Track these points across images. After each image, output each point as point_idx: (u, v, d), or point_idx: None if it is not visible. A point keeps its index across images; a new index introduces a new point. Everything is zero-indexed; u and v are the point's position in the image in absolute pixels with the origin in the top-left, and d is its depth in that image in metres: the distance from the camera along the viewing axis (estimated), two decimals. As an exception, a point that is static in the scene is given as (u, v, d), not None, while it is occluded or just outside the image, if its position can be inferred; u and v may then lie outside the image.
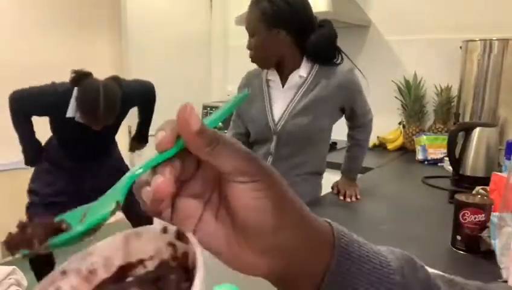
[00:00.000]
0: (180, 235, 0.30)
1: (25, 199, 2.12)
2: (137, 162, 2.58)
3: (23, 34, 3.02)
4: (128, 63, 2.45)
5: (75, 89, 1.88)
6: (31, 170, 2.24)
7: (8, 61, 2.92)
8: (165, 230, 0.31)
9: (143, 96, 2.25)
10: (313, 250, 0.32)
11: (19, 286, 1.03)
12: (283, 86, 1.39)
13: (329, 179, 2.06)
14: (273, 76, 1.40)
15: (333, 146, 2.36)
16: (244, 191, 0.29)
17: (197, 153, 0.28)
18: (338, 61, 1.40)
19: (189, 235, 0.29)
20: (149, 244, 0.31)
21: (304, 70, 1.37)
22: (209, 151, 0.28)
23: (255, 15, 1.31)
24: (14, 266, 1.04)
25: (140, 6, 2.48)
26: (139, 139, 2.40)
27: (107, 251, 0.32)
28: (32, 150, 2.07)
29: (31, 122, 2.00)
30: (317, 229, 0.33)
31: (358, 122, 1.49)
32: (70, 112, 1.92)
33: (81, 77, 1.85)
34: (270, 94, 1.40)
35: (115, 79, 1.94)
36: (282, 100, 1.38)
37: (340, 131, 2.66)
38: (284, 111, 1.37)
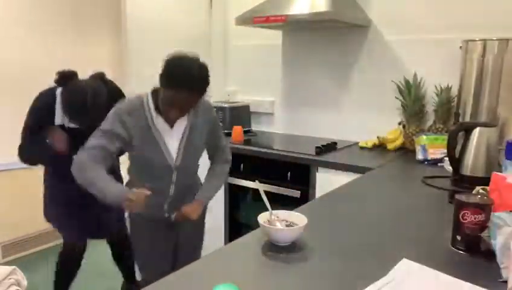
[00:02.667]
0: None
1: (24, 199, 2.12)
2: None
3: (23, 34, 3.02)
4: (128, 63, 2.44)
5: (58, 93, 1.85)
6: (30, 170, 2.24)
7: (7, 62, 2.92)
8: None
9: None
10: None
11: (19, 286, 1.03)
12: (171, 127, 1.53)
13: (331, 178, 2.06)
14: (160, 121, 1.50)
15: (333, 146, 2.37)
16: None
17: None
18: None
19: None
20: None
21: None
22: None
23: (194, 100, 1.44)
24: (14, 266, 1.04)
25: (140, 6, 2.48)
26: None
27: None
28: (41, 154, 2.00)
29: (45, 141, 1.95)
30: None
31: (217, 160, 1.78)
32: (58, 119, 1.88)
33: (66, 78, 1.83)
34: (163, 138, 1.52)
35: (100, 77, 1.92)
36: (173, 140, 1.54)
37: (340, 131, 2.67)
38: (178, 150, 1.55)
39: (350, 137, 2.62)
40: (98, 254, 3.15)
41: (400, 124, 2.37)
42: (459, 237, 1.02)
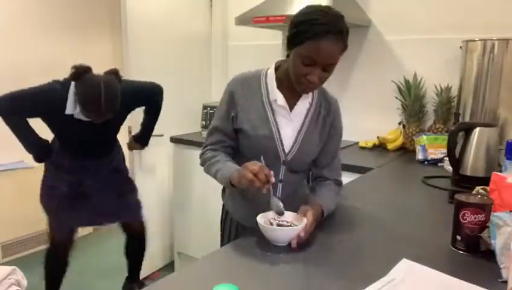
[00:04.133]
0: None
1: (24, 199, 2.12)
2: (136, 162, 2.58)
3: (23, 34, 3.02)
4: (128, 63, 2.44)
5: (72, 84, 1.88)
6: (30, 170, 2.24)
7: (8, 61, 2.93)
8: None
9: (147, 98, 2.24)
10: None
11: (19, 286, 1.03)
12: (291, 111, 1.25)
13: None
14: (280, 99, 1.22)
15: (333, 146, 2.36)
16: None
17: None
18: None
19: None
20: None
21: (310, 97, 1.27)
22: None
23: (342, 48, 1.13)
24: (14, 266, 1.04)
25: (141, 6, 2.48)
26: (140, 141, 2.40)
27: None
28: (35, 146, 2.04)
29: (25, 120, 1.98)
30: None
31: (327, 162, 1.35)
32: (69, 109, 1.91)
33: (81, 72, 1.86)
34: (276, 120, 1.24)
35: (115, 74, 1.96)
36: (290, 127, 1.25)
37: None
38: (295, 141, 1.26)
39: (350, 137, 2.62)
40: (98, 254, 3.15)
41: (400, 124, 2.37)
42: (459, 237, 1.02)
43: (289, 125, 1.25)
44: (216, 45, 3.09)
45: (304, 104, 1.26)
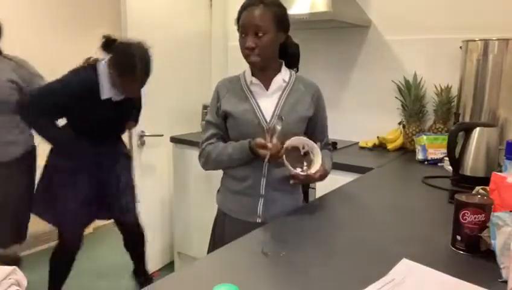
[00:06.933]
0: None
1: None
2: (136, 162, 2.58)
3: (24, 34, 3.02)
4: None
5: (101, 64, 1.88)
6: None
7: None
8: None
9: None
10: None
11: (19, 286, 1.03)
12: (267, 90, 1.45)
13: (331, 178, 2.06)
14: (254, 79, 1.45)
15: (333, 146, 2.36)
16: None
17: None
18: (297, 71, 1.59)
19: None
20: None
21: (285, 75, 1.48)
22: None
23: (267, 15, 1.36)
24: (14, 266, 1.04)
25: (141, 6, 2.48)
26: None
27: None
28: (63, 144, 1.99)
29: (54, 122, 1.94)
30: None
31: (317, 139, 1.51)
32: (106, 93, 1.89)
33: (111, 41, 1.89)
34: (255, 98, 1.45)
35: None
36: (268, 102, 1.44)
37: (340, 131, 2.67)
38: (274, 110, 1.43)
39: (350, 137, 2.62)
40: (98, 254, 3.15)
41: (400, 124, 2.37)
42: (459, 237, 1.02)
43: (267, 100, 1.44)
44: (216, 45, 3.09)
45: (278, 81, 1.45)
